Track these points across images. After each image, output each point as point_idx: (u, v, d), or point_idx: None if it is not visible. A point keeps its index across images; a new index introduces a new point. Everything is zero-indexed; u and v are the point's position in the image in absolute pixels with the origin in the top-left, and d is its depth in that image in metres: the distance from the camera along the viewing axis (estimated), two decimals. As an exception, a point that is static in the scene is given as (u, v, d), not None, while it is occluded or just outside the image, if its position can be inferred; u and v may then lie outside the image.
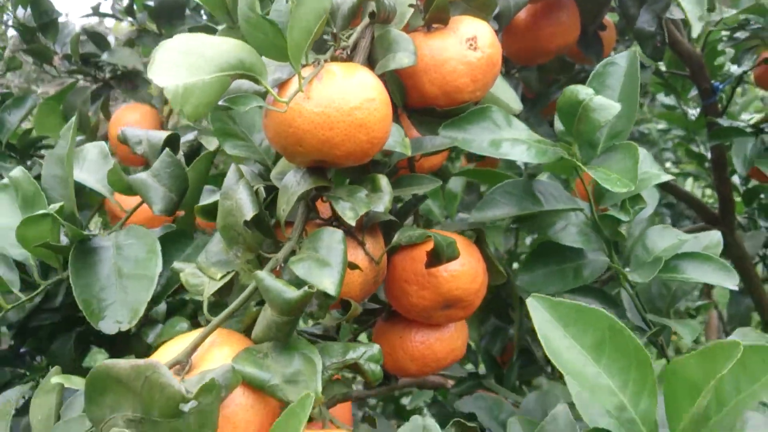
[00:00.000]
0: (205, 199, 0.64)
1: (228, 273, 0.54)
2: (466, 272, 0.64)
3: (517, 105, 0.75)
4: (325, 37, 0.59)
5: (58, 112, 1.13)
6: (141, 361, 0.43)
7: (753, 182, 1.69)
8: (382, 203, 0.56)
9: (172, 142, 0.63)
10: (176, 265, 0.57)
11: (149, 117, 1.12)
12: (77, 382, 0.50)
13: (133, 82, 1.14)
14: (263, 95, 0.50)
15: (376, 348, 0.53)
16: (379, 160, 0.63)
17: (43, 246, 0.59)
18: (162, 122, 1.13)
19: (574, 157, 0.65)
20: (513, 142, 0.61)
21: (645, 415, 0.48)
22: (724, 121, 1.26)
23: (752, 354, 0.46)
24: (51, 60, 1.14)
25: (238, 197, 0.52)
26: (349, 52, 0.57)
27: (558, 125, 0.67)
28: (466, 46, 0.61)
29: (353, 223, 0.53)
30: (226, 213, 0.53)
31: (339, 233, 0.51)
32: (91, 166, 0.65)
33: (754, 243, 1.48)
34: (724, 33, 1.28)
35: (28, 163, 1.09)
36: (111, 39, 1.18)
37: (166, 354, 0.52)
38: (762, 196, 1.73)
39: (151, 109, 1.12)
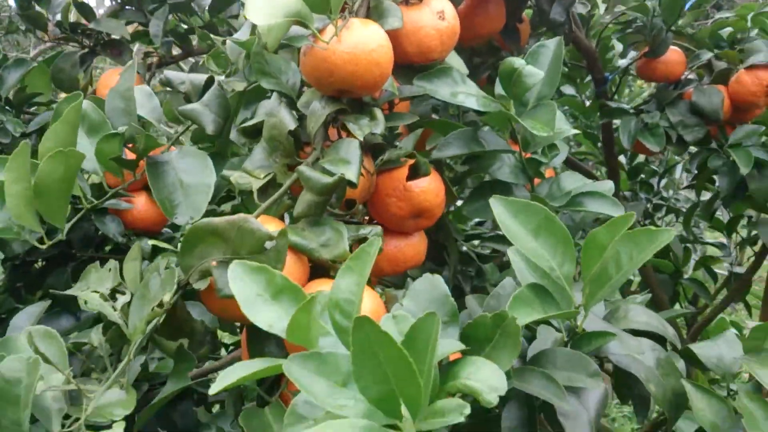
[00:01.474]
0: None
1: (269, 174, 0.73)
2: (433, 188, 0.86)
3: (464, 70, 0.97)
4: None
5: (47, 74, 1.26)
6: (234, 216, 0.62)
7: (636, 161, 2.02)
8: (379, 127, 0.76)
9: (209, 83, 0.81)
10: (226, 171, 0.75)
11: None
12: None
13: (118, 50, 1.28)
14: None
15: (378, 228, 0.74)
16: (370, 101, 0.83)
17: (115, 160, 0.76)
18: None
19: (510, 111, 0.87)
20: (467, 94, 0.83)
21: (566, 274, 0.69)
22: (612, 104, 1.55)
23: (641, 234, 0.66)
24: (45, 27, 1.27)
25: (282, 115, 0.72)
26: (355, 14, 0.77)
27: (498, 89, 0.89)
28: (437, 17, 0.83)
29: (362, 138, 0.73)
30: (271, 126, 0.72)
31: (355, 141, 0.72)
32: (140, 102, 0.82)
33: (636, 211, 1.79)
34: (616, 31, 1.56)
35: (21, 116, 1.22)
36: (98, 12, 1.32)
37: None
38: (642, 176, 2.06)
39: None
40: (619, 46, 1.63)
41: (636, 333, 0.75)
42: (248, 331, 0.74)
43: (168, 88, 0.85)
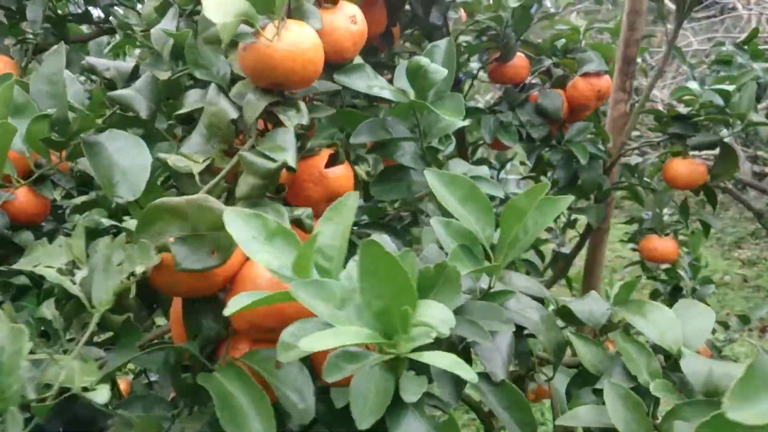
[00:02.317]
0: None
1: (207, 158, 0.79)
2: (345, 174, 0.95)
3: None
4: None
5: None
6: (193, 196, 0.67)
7: (476, 156, 2.23)
8: (304, 119, 0.84)
9: (135, 71, 0.84)
10: (160, 155, 0.79)
11: (8, 66, 1.23)
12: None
13: (-7, 35, 1.23)
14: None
15: (309, 210, 0.82)
16: (292, 96, 0.91)
17: (45, 141, 0.77)
18: (20, 71, 1.24)
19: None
20: (380, 87, 0.94)
21: (487, 237, 0.81)
22: (469, 104, 1.72)
23: (545, 202, 0.78)
24: None
25: (222, 104, 0.78)
26: (282, 16, 0.85)
27: (404, 84, 0.99)
28: (350, 21, 0.92)
29: (292, 127, 0.81)
30: (212, 114, 0.78)
31: (290, 130, 0.79)
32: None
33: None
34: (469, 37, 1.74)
35: None
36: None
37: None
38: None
39: (9, 59, 1.24)
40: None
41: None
42: (185, 306, 0.79)
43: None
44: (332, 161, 0.90)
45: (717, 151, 1.68)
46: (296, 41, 0.77)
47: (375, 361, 0.57)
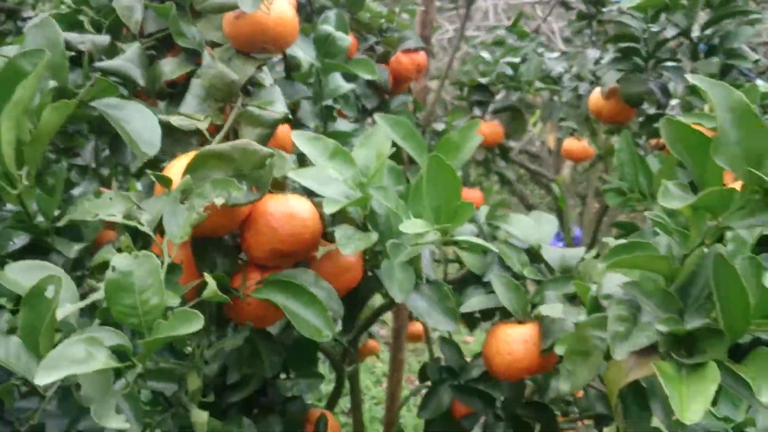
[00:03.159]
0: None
1: (208, 116, 0.89)
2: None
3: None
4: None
5: None
6: (237, 141, 0.78)
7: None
8: (271, 79, 0.98)
9: (114, 45, 0.91)
10: (161, 117, 0.88)
11: None
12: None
13: None
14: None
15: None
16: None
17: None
18: None
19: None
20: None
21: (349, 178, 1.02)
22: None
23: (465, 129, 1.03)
24: None
25: (220, 67, 0.89)
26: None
27: (314, 51, 1.16)
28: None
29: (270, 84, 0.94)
30: (212, 76, 0.88)
31: (276, 87, 0.93)
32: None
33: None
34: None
35: None
36: None
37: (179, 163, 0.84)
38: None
39: None
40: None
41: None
42: (196, 249, 0.89)
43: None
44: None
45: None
46: (281, 11, 0.91)
47: (433, 239, 0.76)
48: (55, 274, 0.67)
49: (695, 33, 1.40)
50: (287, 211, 0.85)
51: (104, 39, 0.91)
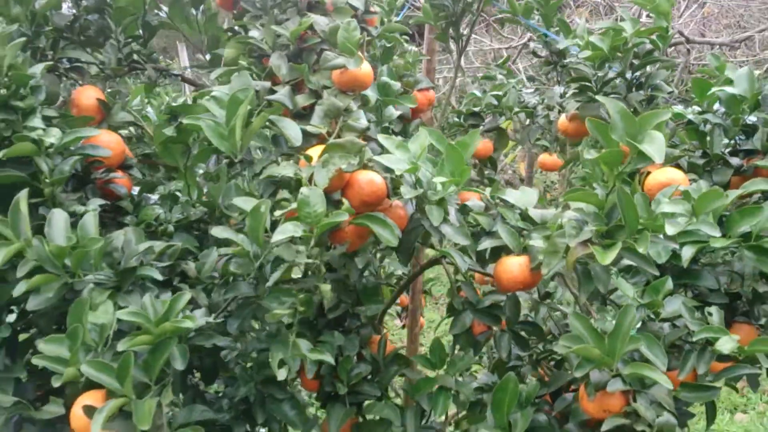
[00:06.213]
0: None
1: (325, 126, 1.47)
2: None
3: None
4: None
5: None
6: (347, 137, 1.36)
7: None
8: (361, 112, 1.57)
9: (272, 89, 1.50)
10: (304, 127, 1.45)
11: (98, 92, 1.72)
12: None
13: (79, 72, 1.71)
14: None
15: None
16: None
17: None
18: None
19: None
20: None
21: (406, 158, 1.62)
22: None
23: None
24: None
25: (332, 100, 1.47)
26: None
27: (377, 93, 1.75)
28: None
29: (360, 111, 1.53)
30: (327, 104, 1.47)
31: (361, 112, 1.51)
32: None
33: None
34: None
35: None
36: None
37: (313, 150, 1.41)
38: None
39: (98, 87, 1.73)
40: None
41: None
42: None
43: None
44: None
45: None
46: (365, 68, 1.50)
47: (452, 190, 1.34)
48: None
49: (628, 75, 2.02)
50: (369, 179, 1.43)
51: (266, 84, 1.50)
